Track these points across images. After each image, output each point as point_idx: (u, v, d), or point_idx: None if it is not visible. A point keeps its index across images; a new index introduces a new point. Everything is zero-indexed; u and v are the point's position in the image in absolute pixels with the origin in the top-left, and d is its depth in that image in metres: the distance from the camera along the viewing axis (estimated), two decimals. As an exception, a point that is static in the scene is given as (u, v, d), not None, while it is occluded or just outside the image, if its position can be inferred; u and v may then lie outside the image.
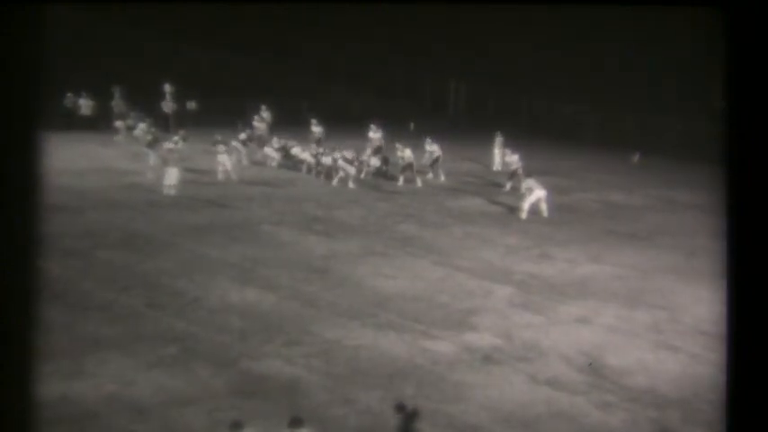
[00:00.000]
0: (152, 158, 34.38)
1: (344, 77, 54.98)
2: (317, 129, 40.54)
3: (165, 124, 41.74)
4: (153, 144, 35.17)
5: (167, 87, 46.30)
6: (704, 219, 28.83)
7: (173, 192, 31.20)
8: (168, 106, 45.14)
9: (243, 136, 38.10)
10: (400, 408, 14.45)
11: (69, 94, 42.39)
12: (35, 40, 5.62)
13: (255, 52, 54.86)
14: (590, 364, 18.32)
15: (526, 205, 30.97)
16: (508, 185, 35.03)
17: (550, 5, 40.73)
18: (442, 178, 36.49)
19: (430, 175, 36.62)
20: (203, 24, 52.33)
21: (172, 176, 31.48)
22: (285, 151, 37.65)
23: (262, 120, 42.01)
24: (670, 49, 47.41)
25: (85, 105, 43.75)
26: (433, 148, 37.08)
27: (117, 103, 44.19)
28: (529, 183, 31.65)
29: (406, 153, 35.73)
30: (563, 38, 49.70)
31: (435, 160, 36.89)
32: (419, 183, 35.52)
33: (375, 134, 40.06)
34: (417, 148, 36.69)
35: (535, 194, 31.12)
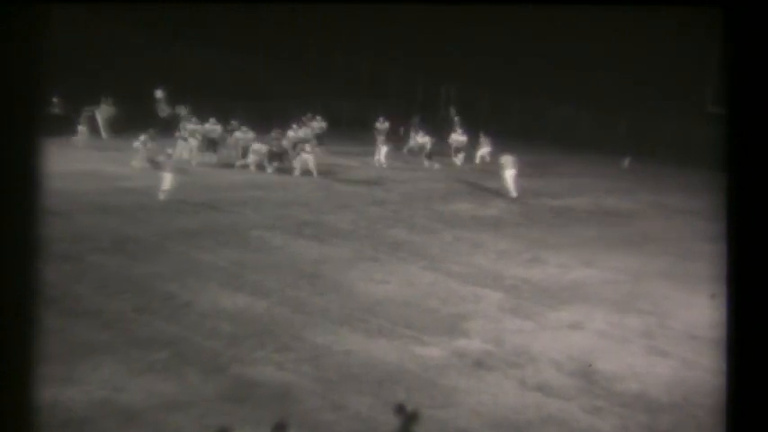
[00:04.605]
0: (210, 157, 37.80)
1: (335, 80, 54.94)
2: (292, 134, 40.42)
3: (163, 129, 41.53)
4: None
5: (159, 93, 46.21)
6: (696, 223, 28.94)
7: (162, 196, 31.12)
8: (163, 111, 45.09)
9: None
10: (400, 408, 14.53)
11: (55, 99, 42.14)
12: (36, 44, 5.59)
13: (246, 54, 54.78)
14: (590, 365, 18.36)
15: (509, 185, 34.20)
16: (426, 163, 39.57)
17: (546, 6, 40.74)
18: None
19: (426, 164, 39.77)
20: (195, 26, 52.24)
21: (166, 182, 31.46)
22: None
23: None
24: (662, 52, 47.45)
25: (106, 110, 43.61)
26: (424, 140, 40.72)
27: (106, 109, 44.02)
28: (505, 159, 34.87)
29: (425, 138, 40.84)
30: (556, 40, 49.66)
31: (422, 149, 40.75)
32: (436, 165, 39.79)
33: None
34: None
35: (508, 172, 34.23)
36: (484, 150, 41.52)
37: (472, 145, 41.50)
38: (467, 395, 16.90)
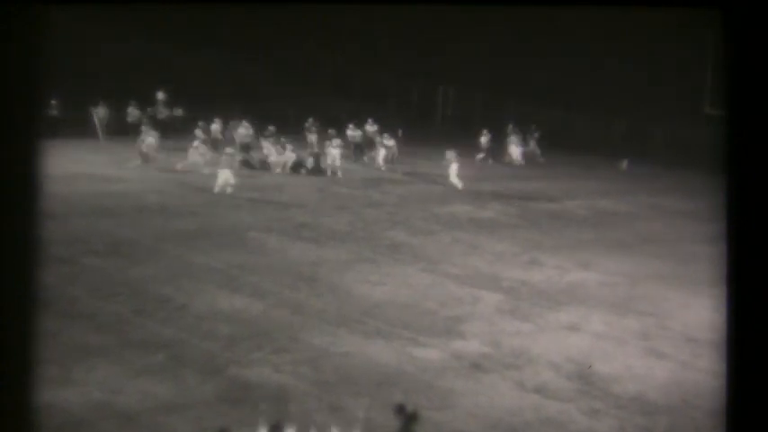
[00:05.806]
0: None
1: (333, 82, 54.97)
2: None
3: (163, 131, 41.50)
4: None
5: (160, 95, 46.23)
6: (692, 225, 29.00)
7: (229, 190, 32.83)
8: (161, 113, 45.13)
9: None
10: (400, 409, 14.50)
11: (54, 102, 42.11)
12: (36, 44, 5.57)
13: (241, 57, 54.78)
14: (590, 366, 18.35)
15: (454, 179, 36.19)
16: (384, 167, 39.98)
17: (545, 6, 40.82)
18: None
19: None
20: (189, 29, 52.21)
21: (230, 177, 33.16)
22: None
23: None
24: (660, 53, 47.49)
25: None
26: (389, 143, 41.05)
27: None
28: (449, 154, 36.78)
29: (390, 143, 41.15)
30: (553, 41, 49.68)
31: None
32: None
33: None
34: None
35: (453, 167, 36.29)
36: (516, 150, 43.69)
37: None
38: (464, 397, 16.86)
